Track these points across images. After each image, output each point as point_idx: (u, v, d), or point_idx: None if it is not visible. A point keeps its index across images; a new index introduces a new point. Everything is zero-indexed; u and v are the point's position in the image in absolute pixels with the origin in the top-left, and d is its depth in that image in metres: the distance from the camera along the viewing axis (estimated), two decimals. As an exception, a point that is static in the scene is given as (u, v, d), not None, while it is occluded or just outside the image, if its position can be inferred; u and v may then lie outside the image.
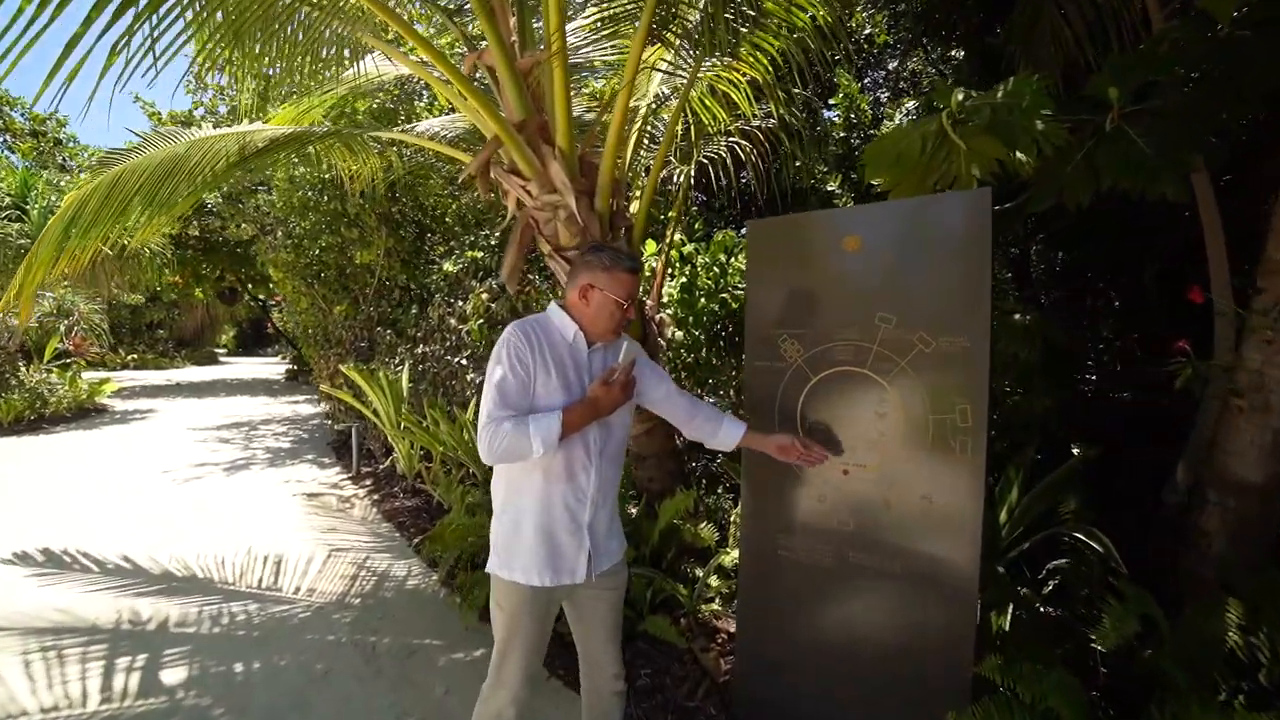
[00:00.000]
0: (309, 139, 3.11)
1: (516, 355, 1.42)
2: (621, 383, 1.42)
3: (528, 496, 1.47)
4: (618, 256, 1.47)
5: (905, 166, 1.98)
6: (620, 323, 1.49)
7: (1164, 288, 3.87)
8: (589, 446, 1.48)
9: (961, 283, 1.43)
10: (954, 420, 1.44)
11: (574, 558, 1.48)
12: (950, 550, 1.45)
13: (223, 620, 2.80)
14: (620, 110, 2.52)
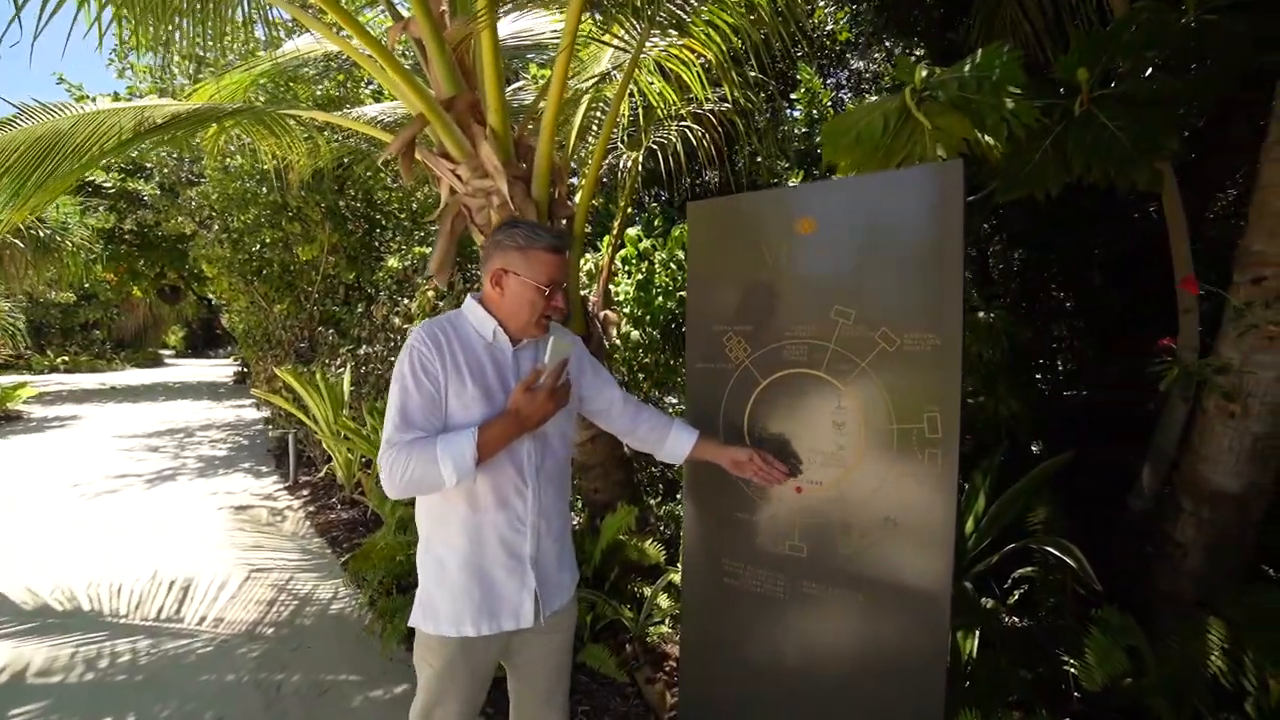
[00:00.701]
0: (213, 115, 2.76)
1: (421, 364, 1.19)
2: (549, 389, 1.17)
3: (452, 530, 1.24)
4: (534, 233, 1.23)
5: (866, 147, 1.80)
6: (544, 314, 1.25)
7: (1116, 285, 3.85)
8: (522, 466, 1.25)
9: (931, 271, 1.23)
10: (922, 430, 1.24)
11: (516, 598, 1.25)
12: (919, 579, 1.26)
13: (100, 664, 2.43)
14: (557, 83, 2.28)
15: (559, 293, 1.25)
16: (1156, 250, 3.47)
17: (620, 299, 4.15)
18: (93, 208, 10.86)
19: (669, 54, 2.79)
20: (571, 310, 2.62)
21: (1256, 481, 1.67)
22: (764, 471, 1.39)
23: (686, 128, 2.96)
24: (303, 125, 3.61)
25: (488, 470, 1.21)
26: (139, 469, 6.01)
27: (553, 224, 2.56)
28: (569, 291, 2.56)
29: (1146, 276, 3.46)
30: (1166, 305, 3.47)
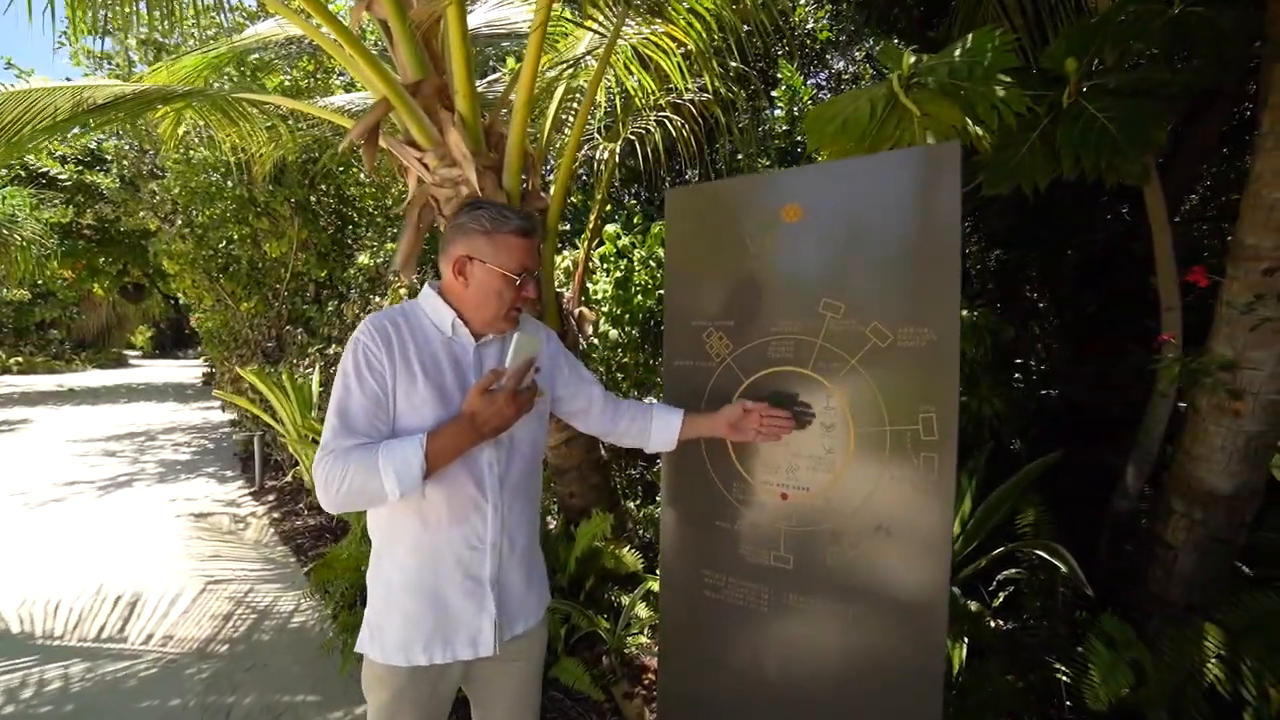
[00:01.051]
0: (160, 97, 2.58)
1: (366, 361, 1.07)
2: (511, 391, 1.03)
3: (402, 549, 1.11)
4: (502, 215, 1.10)
5: (852, 135, 1.72)
6: (514, 306, 1.13)
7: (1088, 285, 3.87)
8: (482, 477, 1.12)
9: (926, 261, 1.15)
10: (916, 432, 1.16)
11: (474, 624, 1.13)
12: (913, 594, 1.17)
13: (23, 694, 2.22)
14: (529, 66, 2.16)
15: (530, 281, 1.13)
16: (1126, 251, 3.50)
17: (599, 297, 4.04)
18: (48, 200, 10.37)
19: (648, 42, 2.69)
20: (546, 306, 2.50)
21: (1249, 481, 1.63)
22: (769, 424, 1.25)
23: (666, 118, 2.86)
24: (264, 113, 3.43)
25: (441, 482, 1.07)
26: (91, 475, 5.71)
27: (526, 216, 2.44)
28: (542, 284, 2.44)
29: (1117, 276, 3.48)
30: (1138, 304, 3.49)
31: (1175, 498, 1.75)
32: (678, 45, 2.75)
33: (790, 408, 1.29)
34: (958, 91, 1.70)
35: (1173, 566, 1.76)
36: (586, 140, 3.29)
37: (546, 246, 2.52)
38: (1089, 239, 3.70)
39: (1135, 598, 1.98)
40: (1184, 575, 1.73)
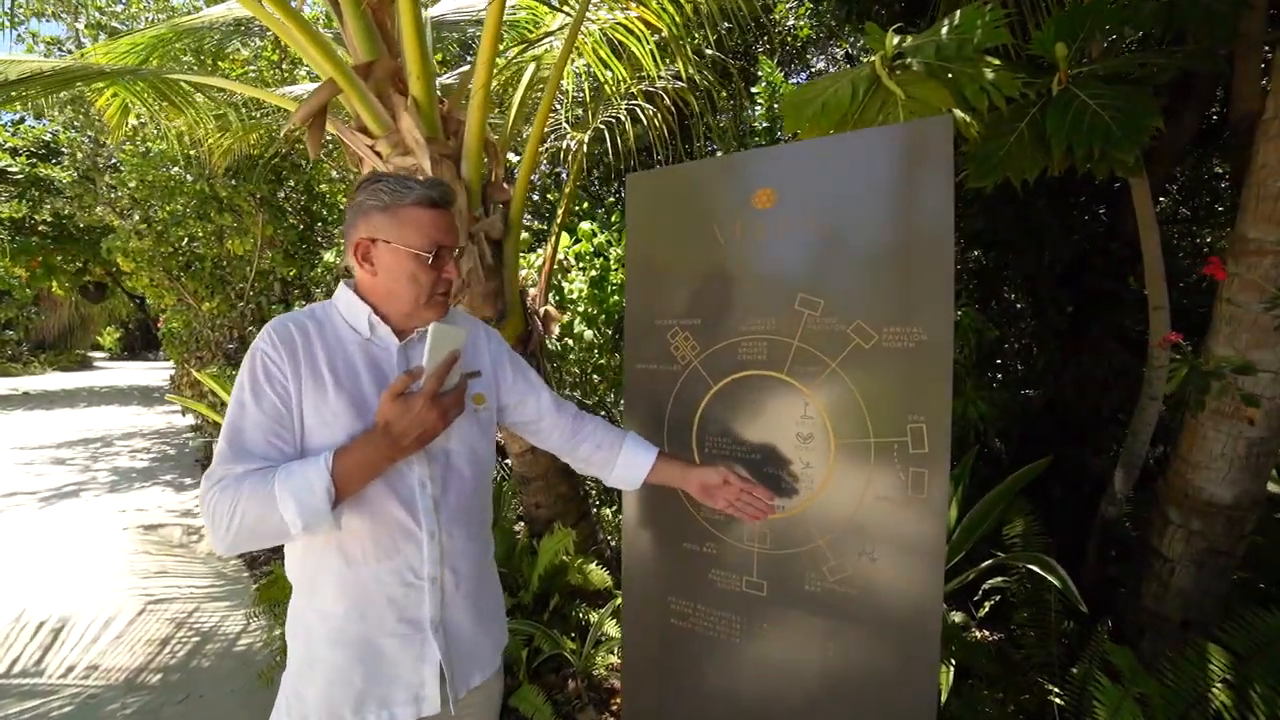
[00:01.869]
0: (83, 75, 2.36)
1: (265, 371, 0.91)
2: (429, 394, 0.87)
3: (325, 593, 0.94)
4: (404, 186, 0.95)
5: (832, 117, 1.59)
6: (434, 290, 0.98)
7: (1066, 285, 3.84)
8: (413, 500, 0.96)
9: (915, 252, 1.02)
10: (904, 444, 1.02)
11: (414, 677, 0.96)
12: (902, 625, 1.04)
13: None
14: (488, 38, 2.00)
15: (449, 259, 0.98)
16: (1105, 250, 3.45)
17: (574, 297, 3.88)
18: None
19: (619, 26, 2.54)
20: (510, 305, 2.34)
21: (1250, 490, 1.53)
22: (742, 502, 1.07)
23: (638, 107, 2.71)
24: (212, 100, 3.21)
25: (362, 508, 0.91)
26: (35, 485, 5.38)
27: (486, 208, 2.28)
28: (506, 281, 2.28)
29: (1096, 276, 3.43)
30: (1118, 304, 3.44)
31: (1171, 507, 1.66)
32: (651, 31, 2.61)
33: (780, 480, 1.14)
34: (944, 73, 1.58)
35: (1169, 580, 1.66)
36: (553, 131, 3.13)
37: (510, 241, 2.36)
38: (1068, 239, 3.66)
39: (1128, 611, 1.88)
40: (1181, 589, 1.63)
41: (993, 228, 3.73)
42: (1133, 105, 1.72)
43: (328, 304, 1.01)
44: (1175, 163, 3.42)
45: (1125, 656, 1.26)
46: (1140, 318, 2.88)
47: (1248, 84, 2.09)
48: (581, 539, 2.62)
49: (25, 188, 9.95)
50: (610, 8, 2.61)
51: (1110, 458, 3.27)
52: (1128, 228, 2.55)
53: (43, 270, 12.14)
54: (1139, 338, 3.12)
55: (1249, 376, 1.40)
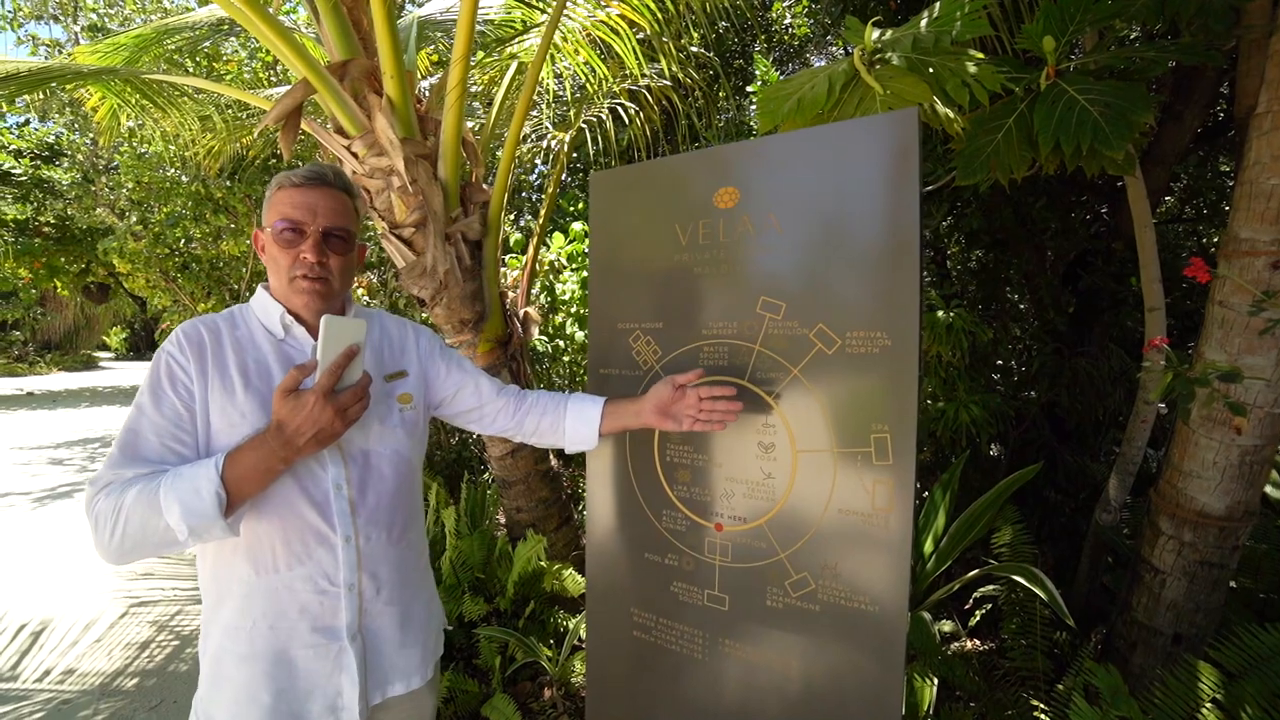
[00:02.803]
0: (61, 75, 2.34)
1: (168, 373, 0.88)
2: (324, 391, 0.82)
3: (231, 605, 0.90)
4: (286, 174, 0.95)
5: (807, 114, 1.53)
6: (290, 271, 0.93)
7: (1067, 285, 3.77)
8: (326, 501, 0.92)
9: (881, 252, 0.97)
10: (868, 455, 0.97)
11: (329, 687, 0.92)
12: (864, 641, 0.99)
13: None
14: (463, 32, 1.96)
15: (304, 240, 0.92)
16: (1107, 250, 3.38)
17: (566, 297, 3.84)
18: (1, 196, 9.92)
19: (600, 24, 2.49)
20: (490, 306, 2.30)
21: (1243, 501, 1.47)
22: (705, 412, 1.04)
23: (619, 104, 2.67)
24: (196, 101, 3.19)
25: (270, 512, 0.88)
26: (30, 485, 5.38)
27: (464, 209, 2.24)
28: (485, 282, 2.23)
29: (1097, 276, 3.36)
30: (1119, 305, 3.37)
31: (1162, 517, 1.60)
32: (634, 29, 2.57)
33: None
34: (925, 67, 1.53)
35: (1160, 592, 1.60)
36: (534, 131, 3.09)
37: (489, 242, 2.31)
38: (1069, 238, 3.59)
39: (1119, 624, 1.82)
40: (1172, 602, 1.57)
41: (990, 227, 3.67)
42: (1124, 101, 1.66)
43: (244, 306, 1.00)
44: (1177, 161, 3.35)
45: (1107, 676, 1.20)
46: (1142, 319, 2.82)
47: (1252, 79, 2.02)
48: (563, 544, 2.58)
49: (29, 190, 10.00)
50: (595, 5, 2.57)
51: (1108, 463, 3.20)
52: (1130, 227, 2.48)
53: (46, 272, 12.19)
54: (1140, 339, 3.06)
55: (1237, 384, 1.34)
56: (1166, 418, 3.18)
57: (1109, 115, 1.58)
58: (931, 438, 2.87)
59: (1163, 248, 2.80)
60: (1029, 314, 4.37)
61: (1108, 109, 1.59)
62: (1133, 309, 3.31)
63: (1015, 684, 1.77)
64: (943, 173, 2.70)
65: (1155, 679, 1.40)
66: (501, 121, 2.72)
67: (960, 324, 2.55)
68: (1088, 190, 3.69)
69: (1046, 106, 1.73)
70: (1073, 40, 1.87)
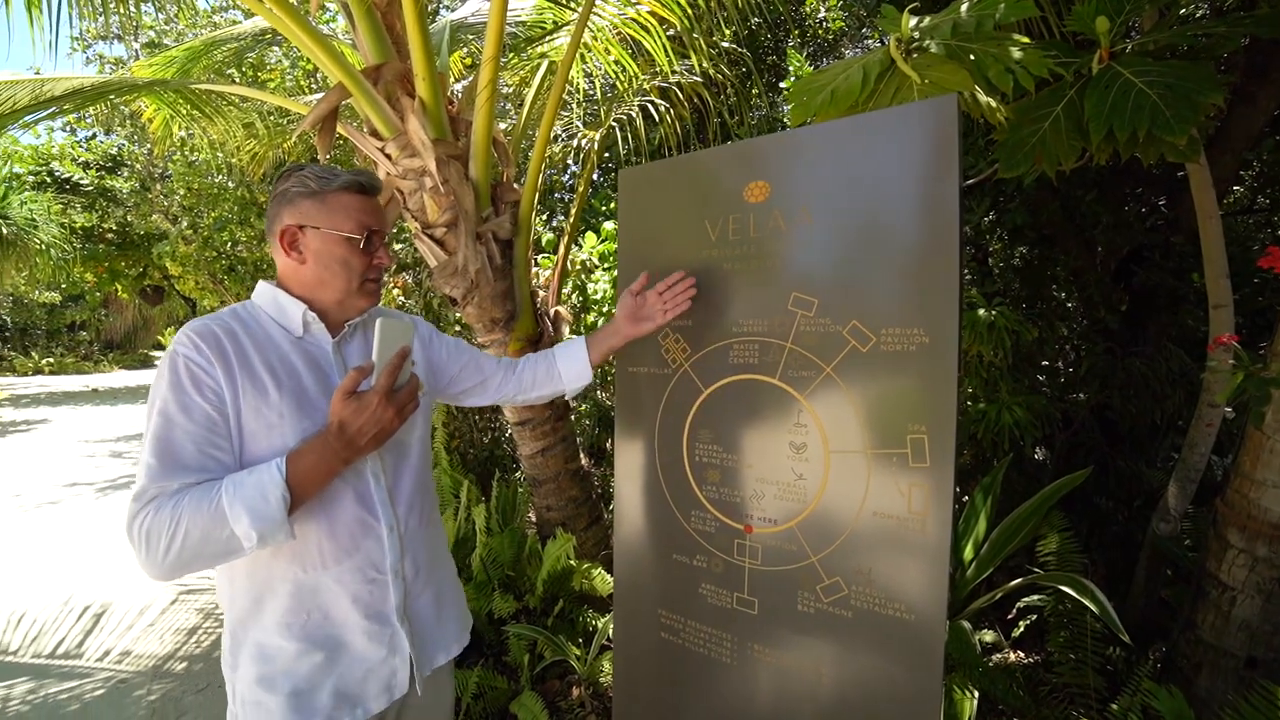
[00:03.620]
0: (120, 88, 2.46)
1: (190, 377, 0.84)
2: (384, 390, 0.84)
3: (277, 611, 0.90)
4: (330, 173, 0.93)
5: (841, 106, 1.48)
6: (366, 276, 0.96)
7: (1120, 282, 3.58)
8: (369, 492, 0.94)
9: (917, 247, 0.93)
10: (904, 456, 0.93)
11: (385, 669, 0.96)
12: (900, 651, 0.95)
13: (-37, 713, 2.13)
14: (493, 34, 1.98)
15: (380, 245, 0.97)
16: (1166, 244, 3.19)
17: (598, 297, 3.84)
18: (71, 205, 10.57)
19: (631, 21, 2.48)
20: (521, 305, 2.31)
21: (1322, 512, 1.36)
22: (672, 298, 1.15)
23: (650, 102, 2.65)
24: (240, 109, 3.31)
25: (315, 511, 0.88)
26: (94, 476, 5.70)
27: (495, 208, 2.26)
28: (517, 282, 2.25)
29: (1154, 272, 3.18)
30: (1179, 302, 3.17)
31: (1231, 529, 1.49)
32: (664, 25, 2.55)
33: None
34: (965, 54, 1.46)
35: (1229, 611, 1.49)
36: (565, 130, 3.10)
37: (520, 242, 2.33)
38: (1122, 232, 3.41)
39: (1182, 642, 1.71)
40: (1244, 622, 1.46)
41: (1036, 223, 3.52)
42: (1187, 81, 1.56)
43: (249, 304, 0.97)
44: (1249, 147, 3.14)
45: (1170, 699, 1.12)
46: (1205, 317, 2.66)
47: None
48: (593, 543, 2.58)
49: (94, 199, 10.63)
50: (625, 2, 2.56)
51: (1166, 470, 3.02)
52: (1191, 220, 2.34)
53: (108, 275, 12.94)
54: (1202, 339, 2.88)
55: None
56: (1234, 422, 2.99)
57: (1170, 98, 1.48)
58: (972, 440, 2.76)
59: (1230, 240, 2.62)
60: (1077, 312, 4.17)
61: (1169, 91, 1.49)
62: (1194, 306, 3.12)
63: (1064, 701, 1.68)
64: (984, 165, 2.60)
65: (1226, 704, 1.31)
66: (532, 121, 2.74)
67: (1003, 322, 2.44)
68: (1144, 182, 3.49)
69: (1099, 91, 1.63)
70: (1129, 21, 1.77)
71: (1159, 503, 2.25)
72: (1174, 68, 1.57)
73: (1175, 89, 1.50)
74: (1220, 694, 1.47)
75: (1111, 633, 1.66)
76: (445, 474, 2.59)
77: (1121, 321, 3.37)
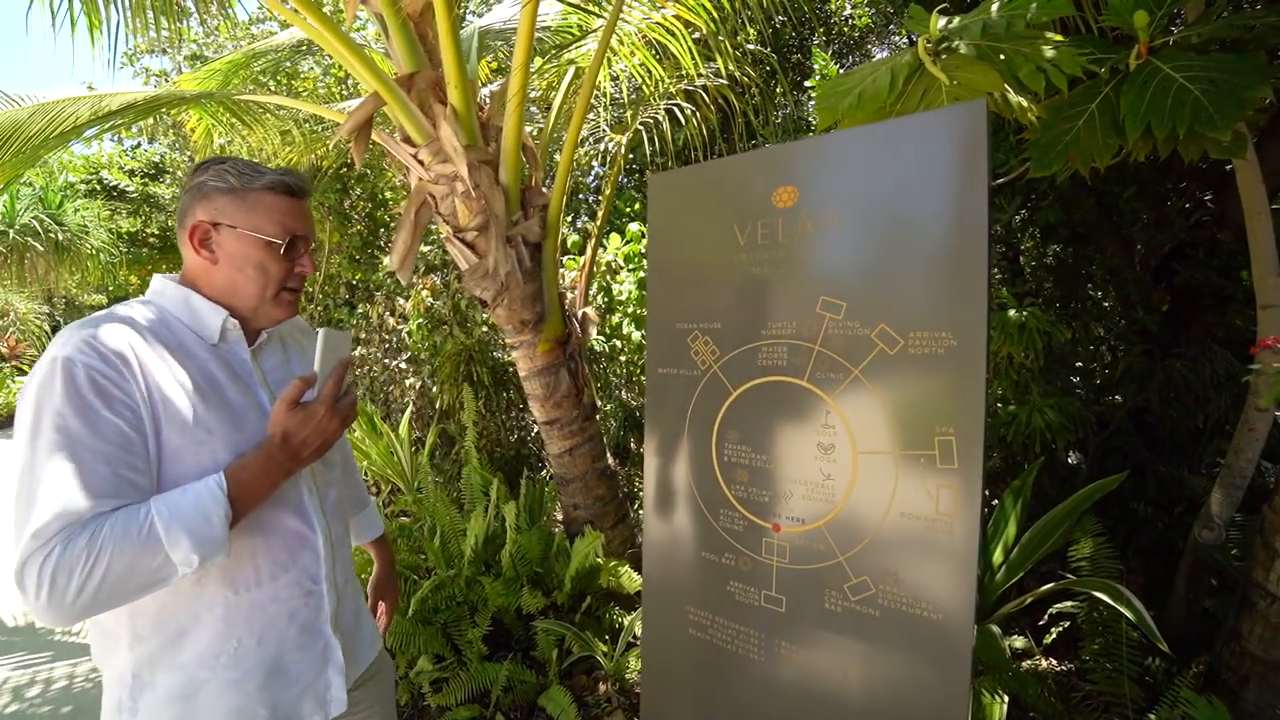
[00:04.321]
0: (170, 101, 2.59)
1: (95, 389, 0.73)
2: (329, 400, 0.84)
3: (202, 639, 0.82)
4: (253, 170, 0.87)
5: (869, 109, 1.49)
6: (284, 284, 0.90)
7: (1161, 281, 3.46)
8: (302, 504, 0.91)
9: (946, 250, 0.93)
10: (932, 458, 0.94)
11: (319, 683, 0.91)
12: (927, 651, 0.96)
13: (29, 692, 2.25)
14: (523, 44, 2.02)
15: (304, 251, 0.91)
16: (1211, 241, 3.07)
17: (623, 298, 3.88)
18: (119, 212, 11.06)
19: (656, 25, 2.51)
20: (549, 307, 2.36)
21: (1373, 520, 1.31)
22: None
23: (676, 106, 2.67)
24: (277, 116, 3.44)
25: (251, 528, 0.83)
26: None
27: (524, 212, 2.31)
28: (545, 284, 2.30)
29: (1199, 270, 3.07)
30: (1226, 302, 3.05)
31: (1279, 538, 1.45)
32: (689, 29, 2.57)
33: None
34: (995, 54, 1.45)
35: (1277, 622, 1.45)
36: (592, 134, 3.14)
37: (549, 244, 2.38)
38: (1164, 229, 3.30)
39: (1227, 653, 1.67)
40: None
41: (1070, 220, 3.43)
42: (1233, 75, 1.52)
43: (150, 304, 0.87)
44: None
45: (1210, 709, 1.10)
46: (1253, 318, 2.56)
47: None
48: (619, 542, 2.61)
49: (139, 205, 11.11)
50: (651, 6, 2.59)
51: (1209, 475, 2.93)
52: (1238, 216, 2.25)
53: (150, 278, 13.49)
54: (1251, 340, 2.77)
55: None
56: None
57: (1213, 93, 1.45)
58: (1002, 443, 2.71)
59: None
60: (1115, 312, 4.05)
61: (1212, 86, 1.46)
62: (1243, 306, 3.00)
63: (1098, 709, 1.65)
64: (1015, 163, 2.55)
65: (1275, 719, 1.27)
66: (559, 125, 2.78)
67: (1034, 323, 2.40)
68: (1188, 176, 3.37)
69: (1137, 88, 1.60)
70: (1171, 13, 1.72)
71: (1201, 509, 2.19)
72: (1218, 61, 1.53)
73: (1219, 84, 1.46)
74: (1269, 708, 1.43)
75: (1149, 642, 1.62)
76: (475, 472, 2.65)
77: (1162, 322, 3.26)
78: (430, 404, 4.38)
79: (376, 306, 5.41)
